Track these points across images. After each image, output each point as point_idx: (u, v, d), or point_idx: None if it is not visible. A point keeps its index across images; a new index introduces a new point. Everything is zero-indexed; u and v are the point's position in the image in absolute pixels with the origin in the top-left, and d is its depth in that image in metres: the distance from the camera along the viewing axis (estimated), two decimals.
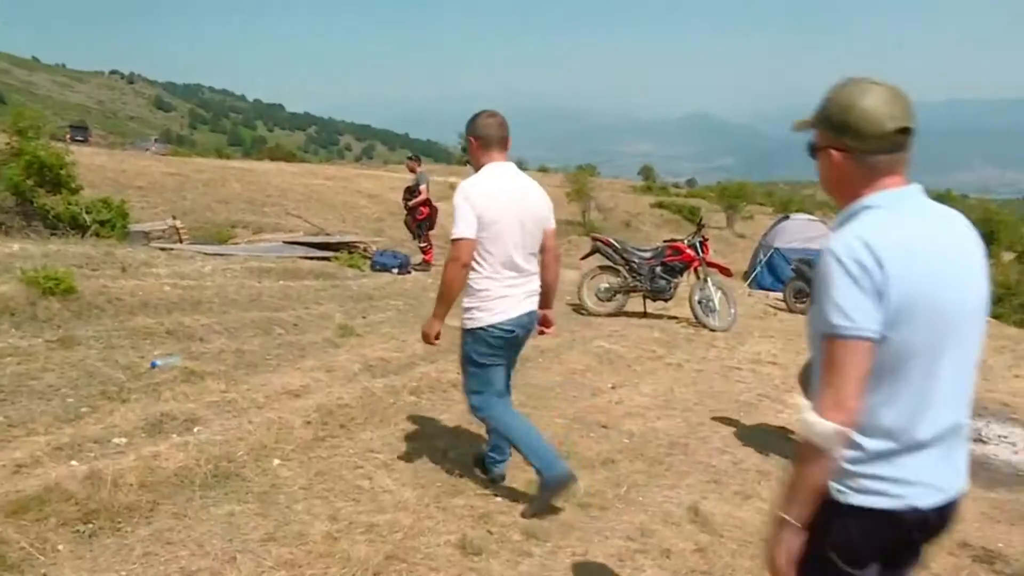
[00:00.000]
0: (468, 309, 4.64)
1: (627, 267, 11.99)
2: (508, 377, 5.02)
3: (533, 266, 4.73)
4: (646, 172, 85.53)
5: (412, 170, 15.98)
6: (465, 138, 4.71)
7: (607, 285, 12.08)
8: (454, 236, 4.39)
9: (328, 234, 17.44)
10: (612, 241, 12.41)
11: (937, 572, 4.33)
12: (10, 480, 4.40)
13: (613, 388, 7.85)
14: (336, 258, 13.84)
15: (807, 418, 2.04)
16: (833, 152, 2.20)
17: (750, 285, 20.32)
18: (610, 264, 12.20)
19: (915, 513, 2.13)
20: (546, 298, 4.91)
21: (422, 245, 15.57)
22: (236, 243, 16.34)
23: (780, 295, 16.03)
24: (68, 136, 47.37)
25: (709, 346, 10.18)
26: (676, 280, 11.91)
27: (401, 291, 11.87)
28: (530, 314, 4.74)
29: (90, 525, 4.08)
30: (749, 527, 4.76)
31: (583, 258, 13.41)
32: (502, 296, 4.55)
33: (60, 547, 3.87)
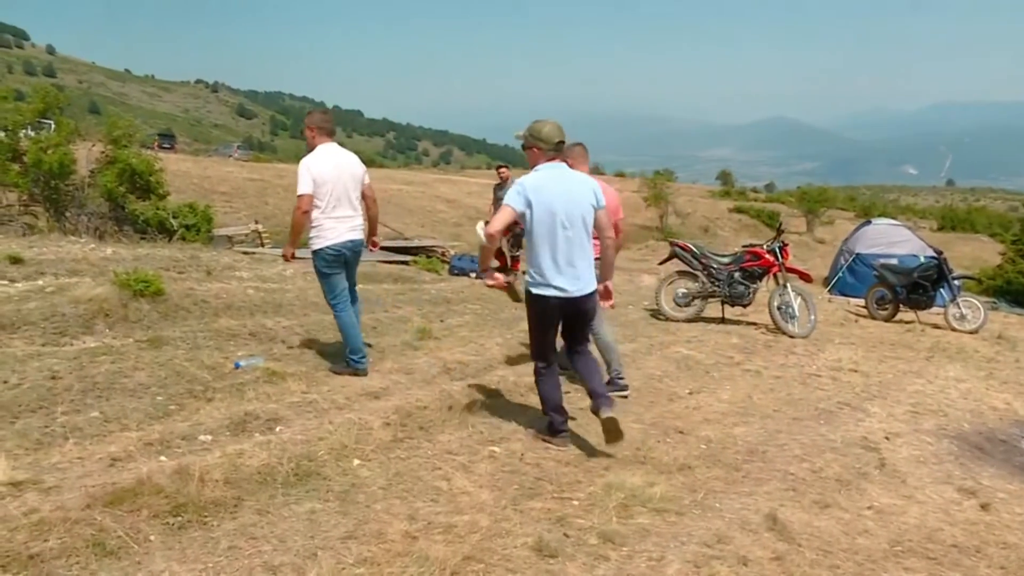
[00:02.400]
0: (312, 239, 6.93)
1: (706, 272, 11.88)
2: (351, 286, 7.32)
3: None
4: (724, 177, 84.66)
5: (503, 178, 15.41)
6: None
7: (685, 290, 11.99)
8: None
9: (407, 238, 17.62)
10: (691, 246, 12.31)
11: None
12: (106, 472, 4.59)
13: (691, 394, 7.81)
14: (414, 262, 14.01)
15: (479, 229, 8.91)
16: (533, 149, 5.60)
17: (830, 291, 19.97)
18: (688, 269, 12.11)
19: (557, 298, 5.50)
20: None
21: (514, 254, 15.03)
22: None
23: (861, 301, 15.71)
24: (156, 144, 48.65)
25: (788, 352, 10.04)
26: (755, 286, 11.76)
27: (479, 295, 11.95)
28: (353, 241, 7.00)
29: (179, 518, 4.22)
30: (828, 537, 4.70)
31: (661, 263, 13.31)
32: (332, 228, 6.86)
33: (152, 537, 4.01)
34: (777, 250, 11.63)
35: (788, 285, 11.40)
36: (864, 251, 19.87)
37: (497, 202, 14.47)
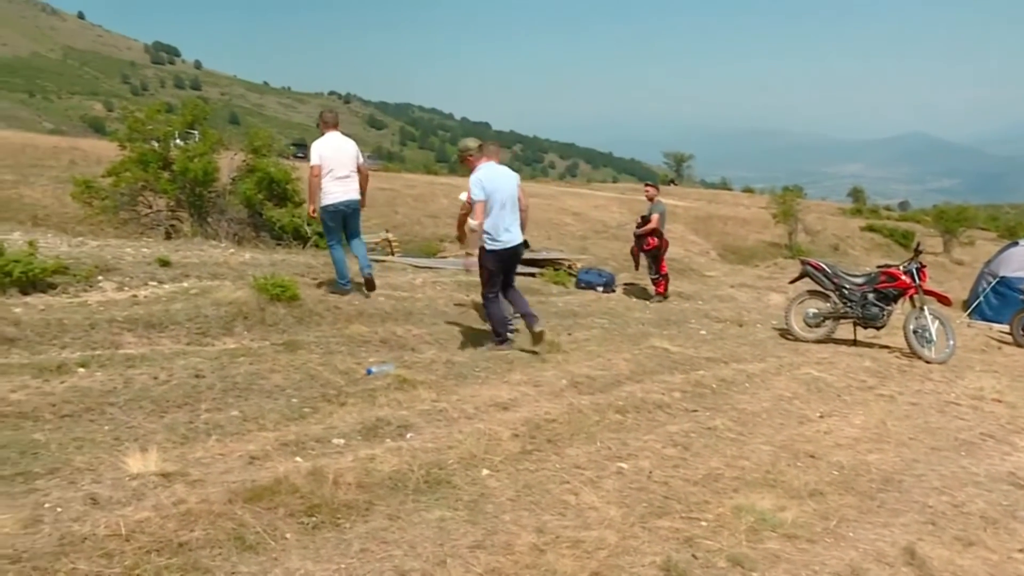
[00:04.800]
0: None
1: (838, 293, 11.53)
2: (352, 235, 9.75)
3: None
4: (856, 194, 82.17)
5: (650, 198, 15.01)
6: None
7: (816, 311, 11.66)
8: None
9: (534, 250, 17.70)
10: (823, 265, 11.97)
11: None
12: (245, 470, 4.76)
13: (821, 417, 7.57)
14: (542, 274, 14.04)
15: (471, 222, 8.22)
16: (468, 158, 8.77)
17: (970, 315, 19.08)
18: (819, 289, 11.77)
19: (505, 248, 8.29)
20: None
21: (653, 277, 14.54)
22: (444, 256, 16.84)
23: (1005, 327, 14.95)
24: (293, 153, 50.20)
25: (924, 379, 9.63)
26: (890, 308, 11.34)
27: (606, 309, 11.93)
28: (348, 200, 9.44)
29: (313, 518, 4.34)
30: None
31: (791, 282, 12.99)
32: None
33: (288, 535, 4.13)
34: (914, 271, 11.19)
35: (925, 308, 10.95)
36: (1009, 274, 18.89)
37: (645, 218, 14.33)
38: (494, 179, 8.32)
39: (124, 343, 6.90)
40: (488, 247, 8.29)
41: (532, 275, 13.86)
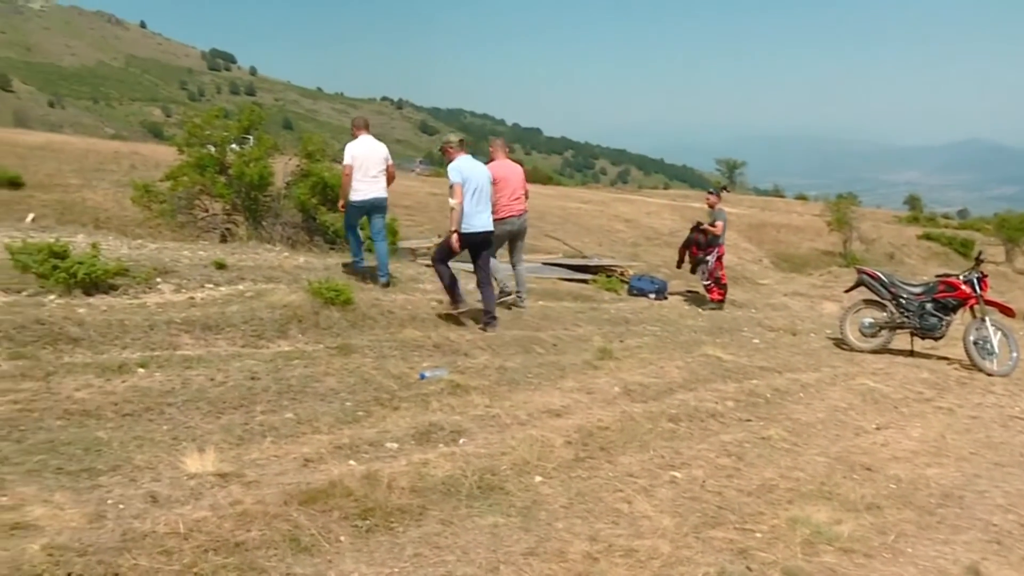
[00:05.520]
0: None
1: (895, 302, 11.33)
2: (377, 235, 10.36)
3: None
4: (912, 201, 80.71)
5: (711, 205, 14.67)
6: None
7: (872, 320, 11.47)
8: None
9: (586, 257, 17.65)
10: (879, 274, 11.77)
11: None
12: (300, 472, 4.82)
13: (878, 429, 7.44)
14: (593, 281, 14.00)
15: (451, 201, 8.91)
16: (449, 150, 9.39)
17: None
18: (875, 298, 11.58)
19: (478, 232, 9.10)
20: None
21: (706, 283, 14.24)
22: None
23: None
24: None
25: (985, 392, 9.42)
26: (949, 318, 11.11)
27: (658, 317, 11.87)
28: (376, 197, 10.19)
29: (367, 521, 4.37)
30: None
31: (847, 291, 12.80)
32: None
33: (342, 538, 4.17)
34: (975, 281, 10.95)
35: (987, 319, 10.72)
36: None
37: (712, 223, 14.05)
38: (470, 168, 9.20)
39: (182, 344, 7.01)
40: (463, 230, 9.03)
41: (584, 282, 13.83)
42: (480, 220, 9.16)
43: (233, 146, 14.07)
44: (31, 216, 14.60)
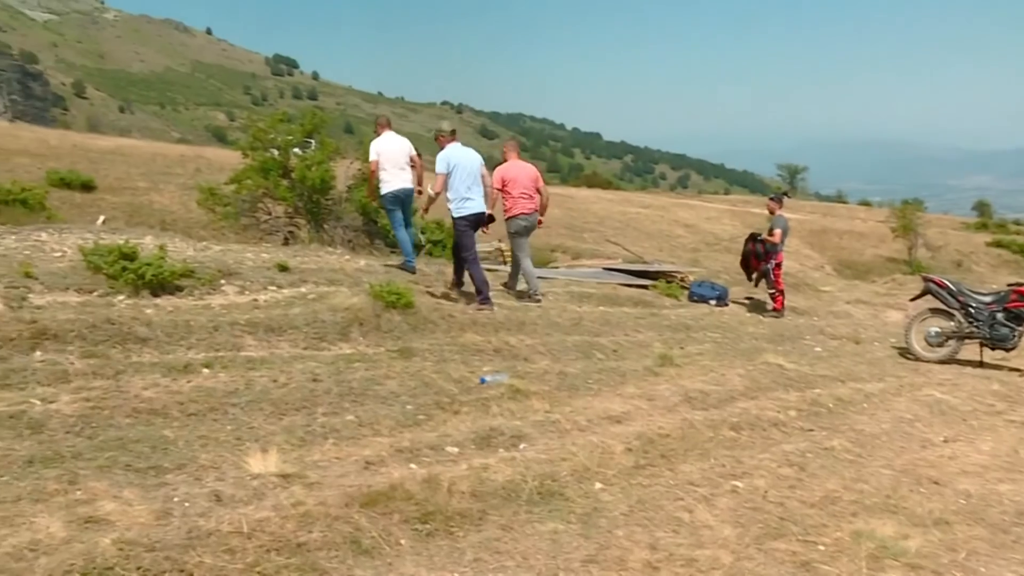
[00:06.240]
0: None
1: (963, 311, 11.08)
2: (407, 216, 11.05)
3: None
4: (981, 207, 78.86)
5: (771, 211, 14.08)
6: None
7: (938, 330, 11.22)
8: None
9: (646, 262, 17.55)
10: (946, 282, 11.52)
11: None
12: (361, 475, 4.85)
13: (945, 442, 7.25)
14: (654, 286, 13.90)
15: (429, 190, 9.96)
16: (441, 138, 10.04)
17: None
18: (943, 307, 11.34)
19: (472, 214, 9.74)
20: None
21: (771, 291, 13.87)
22: (555, 267, 16.85)
23: None
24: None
25: None
26: (1021, 328, 10.85)
27: (719, 323, 11.75)
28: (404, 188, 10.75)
29: (427, 525, 4.40)
30: None
31: (913, 299, 12.53)
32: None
33: (402, 541, 4.20)
34: None
35: None
36: None
37: (770, 232, 13.85)
38: (458, 157, 9.82)
39: (245, 345, 7.10)
40: (455, 214, 9.78)
41: (644, 287, 13.74)
42: (472, 204, 9.77)
43: (296, 150, 14.25)
44: (102, 218, 14.94)
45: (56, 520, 3.83)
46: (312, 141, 14.79)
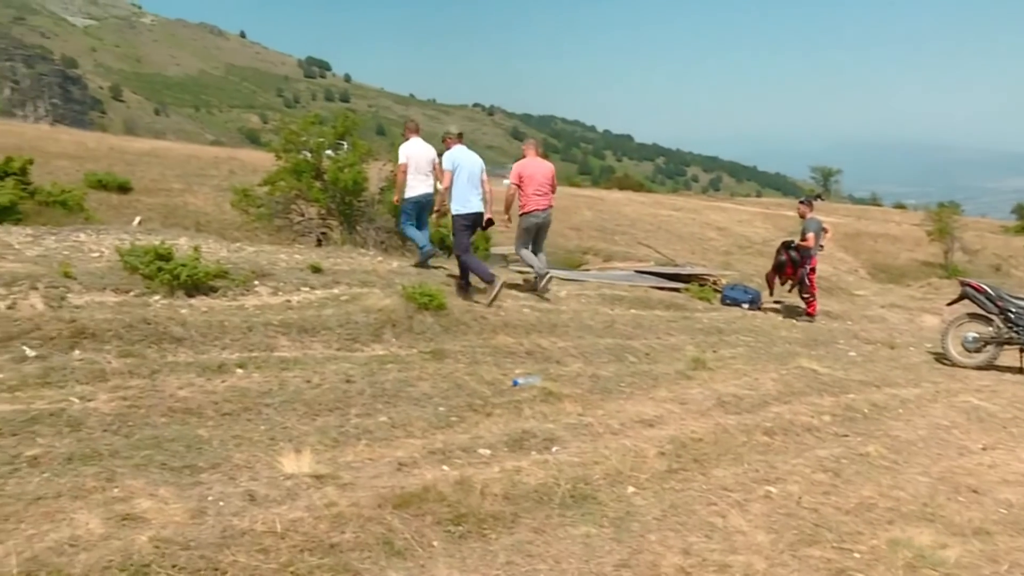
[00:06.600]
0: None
1: (1002, 316, 10.93)
2: (422, 220, 11.17)
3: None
4: (1021, 210, 77.71)
5: (802, 215, 13.96)
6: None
7: (976, 335, 11.07)
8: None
9: (678, 265, 17.47)
10: (985, 287, 11.36)
11: None
12: (394, 476, 4.87)
13: (984, 449, 7.13)
14: (686, 289, 13.84)
15: (438, 185, 10.69)
16: (448, 140, 10.33)
17: None
18: (980, 312, 11.19)
19: (472, 213, 9.97)
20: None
21: (805, 296, 13.75)
22: (587, 269, 16.81)
23: None
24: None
25: None
26: None
27: (752, 327, 11.68)
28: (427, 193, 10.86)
29: (460, 527, 4.40)
30: None
31: (950, 304, 12.36)
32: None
33: (435, 543, 4.21)
34: None
35: None
36: None
37: (803, 237, 13.67)
38: (462, 158, 10.18)
39: (278, 346, 7.14)
40: (455, 212, 10.08)
41: (676, 290, 13.68)
42: (472, 203, 10.07)
43: (328, 152, 14.31)
44: (138, 219, 15.08)
45: (95, 517, 3.88)
46: (344, 143, 14.85)
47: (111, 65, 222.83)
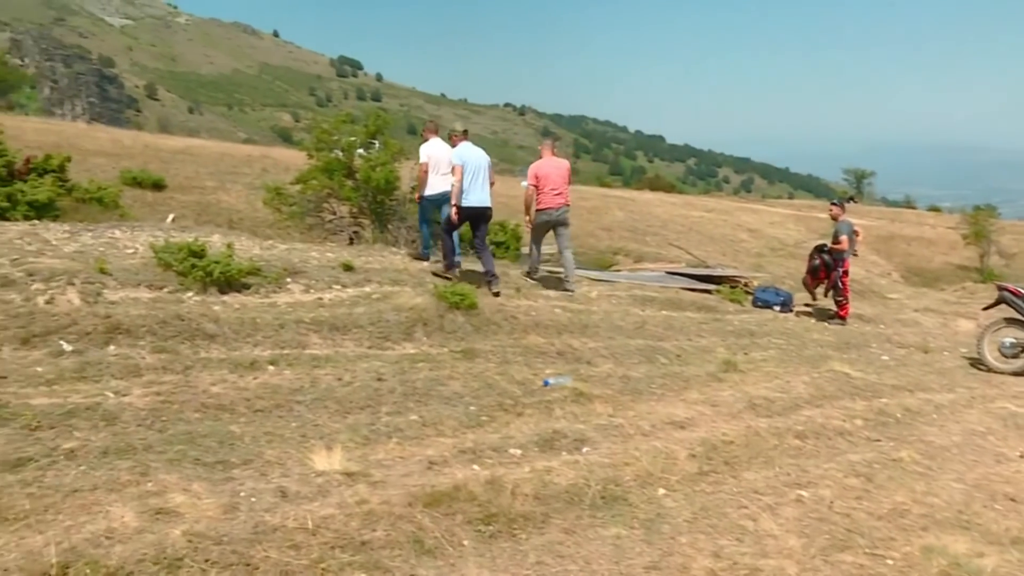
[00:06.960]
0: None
1: None
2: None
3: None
4: None
5: (834, 217, 13.71)
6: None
7: (1014, 340, 10.90)
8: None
9: (709, 266, 17.38)
10: (1022, 291, 11.20)
11: None
12: (424, 475, 4.88)
13: (1021, 457, 7.03)
14: (717, 291, 13.76)
15: (452, 180, 10.29)
16: (453, 136, 10.83)
17: None
18: (1018, 317, 11.03)
19: (474, 207, 10.22)
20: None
21: (838, 299, 13.50)
22: (617, 270, 16.76)
23: None
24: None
25: None
26: None
27: (783, 330, 11.59)
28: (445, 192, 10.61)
29: (490, 527, 4.41)
30: None
31: (986, 308, 12.20)
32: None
33: (465, 542, 4.22)
34: None
35: None
36: None
37: (835, 240, 13.49)
38: (467, 154, 10.42)
39: (310, 343, 7.18)
40: (454, 203, 10.30)
41: (707, 292, 13.61)
42: (476, 197, 10.32)
43: (360, 151, 14.36)
44: (171, 216, 15.21)
45: (129, 510, 3.92)
46: (376, 142, 14.89)
47: (147, 64, 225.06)
